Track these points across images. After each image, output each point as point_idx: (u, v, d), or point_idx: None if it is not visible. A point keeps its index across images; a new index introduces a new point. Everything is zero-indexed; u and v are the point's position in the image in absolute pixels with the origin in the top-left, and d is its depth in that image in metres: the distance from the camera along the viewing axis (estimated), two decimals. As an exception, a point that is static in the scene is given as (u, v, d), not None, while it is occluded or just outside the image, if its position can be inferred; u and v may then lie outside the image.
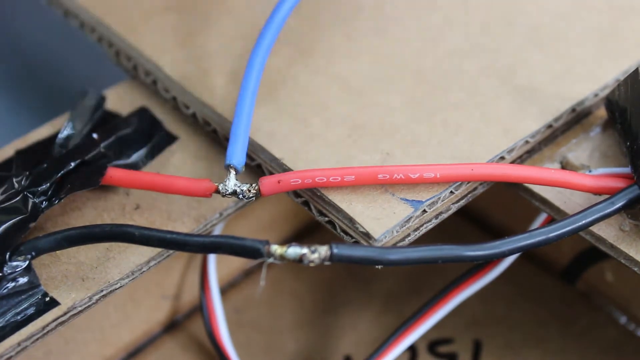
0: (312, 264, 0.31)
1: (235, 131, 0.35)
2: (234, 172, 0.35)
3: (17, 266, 0.33)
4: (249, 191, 0.34)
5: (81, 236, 0.33)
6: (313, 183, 0.34)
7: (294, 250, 0.31)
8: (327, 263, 0.31)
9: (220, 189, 0.34)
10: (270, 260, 0.31)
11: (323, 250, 0.31)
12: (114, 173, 0.35)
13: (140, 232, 0.32)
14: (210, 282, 0.41)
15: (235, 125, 0.35)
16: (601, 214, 0.33)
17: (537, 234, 0.32)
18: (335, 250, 0.31)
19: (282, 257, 0.31)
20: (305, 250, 0.31)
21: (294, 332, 0.45)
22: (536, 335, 0.44)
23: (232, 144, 0.35)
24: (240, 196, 0.34)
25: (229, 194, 0.34)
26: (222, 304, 0.40)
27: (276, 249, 0.31)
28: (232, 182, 0.34)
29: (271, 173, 0.36)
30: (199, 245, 0.32)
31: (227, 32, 0.40)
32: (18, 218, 0.34)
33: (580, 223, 0.33)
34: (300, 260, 0.31)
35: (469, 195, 0.36)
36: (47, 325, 0.33)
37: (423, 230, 0.35)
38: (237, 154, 0.35)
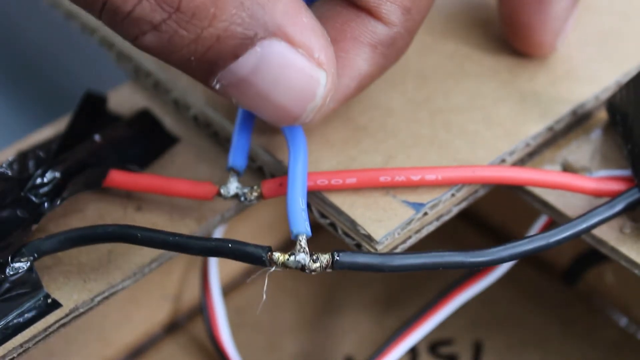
0: (314, 273, 0.31)
1: (237, 134, 0.35)
2: (236, 176, 0.35)
3: (19, 268, 0.33)
4: (251, 194, 0.34)
5: (84, 237, 0.33)
6: (315, 186, 0.34)
7: (295, 259, 0.31)
8: (329, 270, 0.31)
9: (222, 192, 0.35)
10: (272, 269, 0.31)
11: (325, 259, 0.31)
12: (115, 176, 0.35)
13: (142, 234, 0.32)
14: (211, 283, 0.41)
15: (237, 127, 0.35)
16: (600, 218, 0.33)
17: (537, 239, 0.32)
18: (338, 258, 0.31)
19: (284, 265, 0.31)
20: (307, 259, 0.31)
21: (295, 333, 0.45)
22: (537, 336, 0.44)
23: (234, 147, 0.35)
24: (242, 199, 0.35)
25: (230, 197, 0.35)
26: (223, 305, 0.40)
27: (278, 256, 0.31)
28: (233, 186, 0.35)
29: (273, 175, 0.36)
30: (201, 249, 0.32)
31: (229, 33, 0.40)
32: (20, 220, 0.34)
33: (579, 228, 0.33)
34: (302, 268, 0.31)
35: (470, 198, 0.36)
36: (49, 326, 0.33)
37: (424, 232, 0.35)
38: (238, 157, 0.35)
